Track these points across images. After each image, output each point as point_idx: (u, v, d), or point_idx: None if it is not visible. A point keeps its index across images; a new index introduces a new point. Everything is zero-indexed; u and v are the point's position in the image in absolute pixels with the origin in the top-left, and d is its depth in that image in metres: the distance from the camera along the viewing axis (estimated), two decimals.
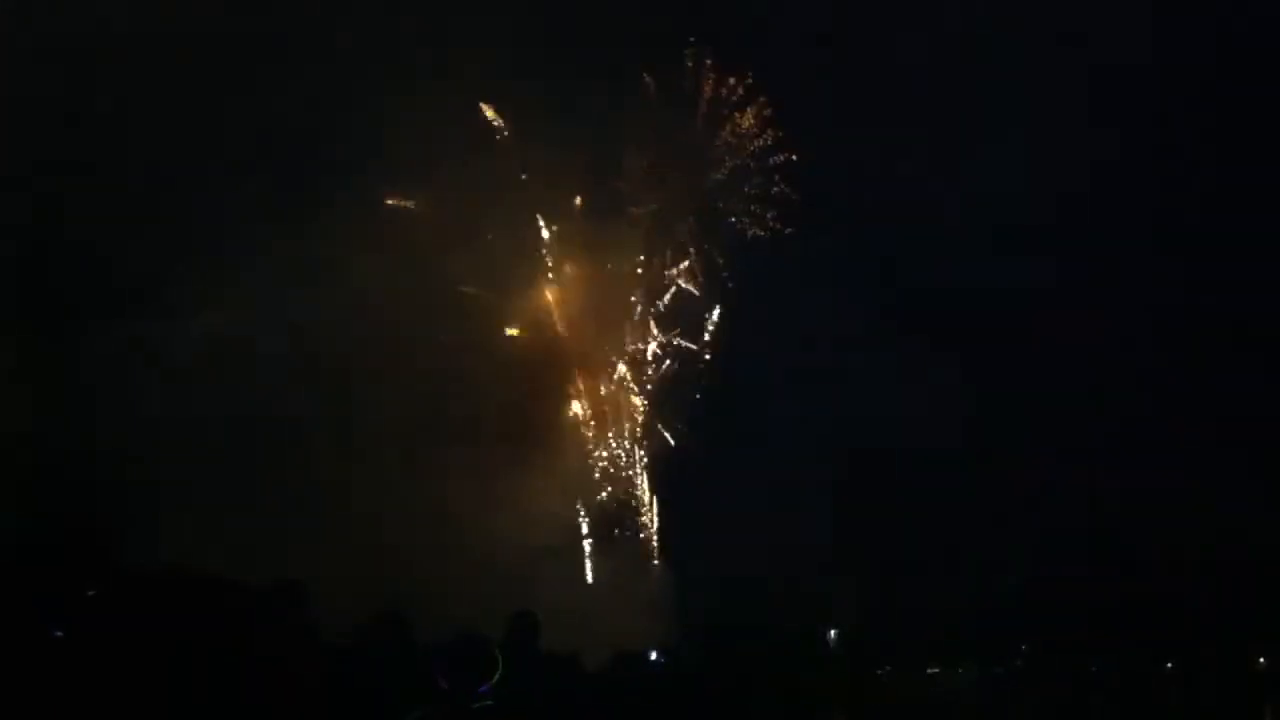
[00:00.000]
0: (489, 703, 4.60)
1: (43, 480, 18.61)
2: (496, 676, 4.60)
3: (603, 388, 27.40)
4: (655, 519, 27.51)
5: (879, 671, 31.21)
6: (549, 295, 26.87)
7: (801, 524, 27.63)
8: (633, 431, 27.65)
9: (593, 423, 27.29)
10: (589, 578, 25.21)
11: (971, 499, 29.32)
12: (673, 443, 27.37)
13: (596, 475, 27.05)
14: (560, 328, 26.93)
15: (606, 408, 27.47)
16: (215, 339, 21.42)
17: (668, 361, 27.75)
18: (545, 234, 26.79)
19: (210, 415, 21.24)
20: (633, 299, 27.59)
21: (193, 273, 21.58)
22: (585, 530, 26.32)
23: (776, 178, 27.02)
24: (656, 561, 26.28)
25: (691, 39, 26.52)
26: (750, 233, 27.25)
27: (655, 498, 27.59)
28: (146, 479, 19.51)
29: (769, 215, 27.10)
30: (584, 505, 26.57)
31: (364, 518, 22.19)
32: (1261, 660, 31.90)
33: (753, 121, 26.93)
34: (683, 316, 27.89)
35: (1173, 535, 29.09)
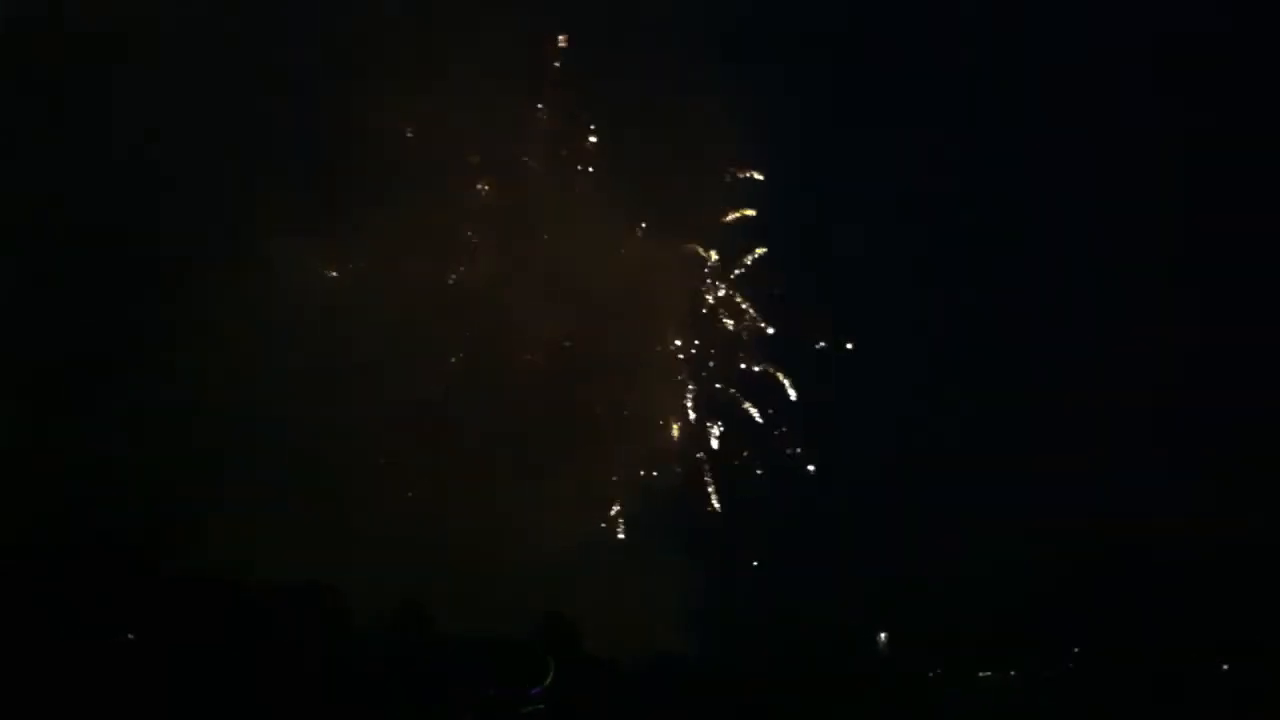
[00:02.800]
0: (540, 706, 4.35)
1: (81, 485, 18.67)
2: (548, 680, 4.34)
3: (644, 385, 27.21)
4: (698, 519, 27.30)
5: (930, 674, 30.82)
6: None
7: (851, 527, 27.43)
8: (677, 428, 27.46)
9: (634, 422, 27.11)
10: (630, 578, 24.98)
11: (1020, 501, 28.98)
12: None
13: (639, 475, 26.85)
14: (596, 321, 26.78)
15: (647, 407, 27.28)
16: (246, 338, 21.40)
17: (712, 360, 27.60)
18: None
19: (246, 416, 21.21)
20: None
21: (222, 270, 21.59)
22: (626, 530, 26.11)
23: None
24: (700, 563, 25.99)
25: None
26: None
27: (698, 497, 27.39)
28: (181, 481, 19.52)
29: None
30: (625, 505, 26.37)
31: (404, 519, 22.17)
32: None
33: None
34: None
35: (1225, 537, 28.63)
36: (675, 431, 27.47)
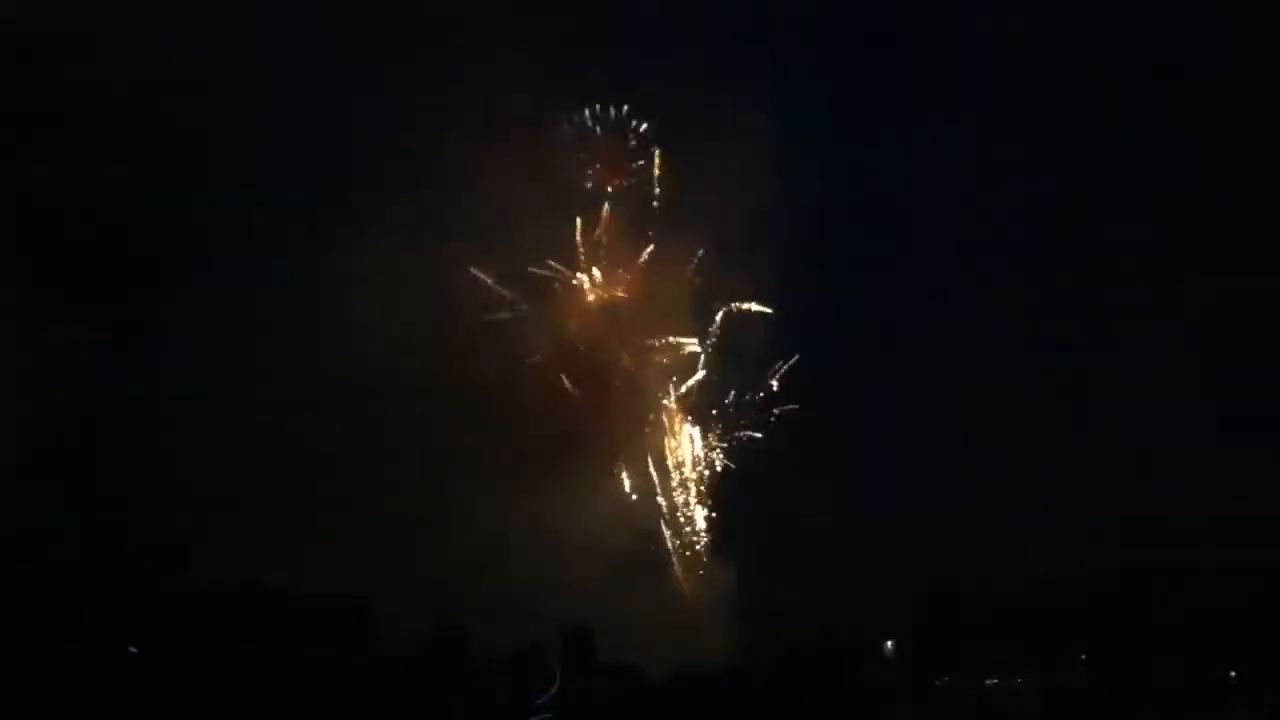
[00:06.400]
0: (548, 714, 4.70)
1: (111, 498, 18.98)
2: (554, 689, 4.70)
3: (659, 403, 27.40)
4: (716, 532, 27.49)
5: (937, 682, 30.87)
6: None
7: (860, 537, 27.54)
8: (695, 445, 27.67)
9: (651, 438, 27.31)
10: (652, 591, 25.22)
11: (1028, 507, 29.06)
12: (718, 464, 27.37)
13: (657, 490, 27.03)
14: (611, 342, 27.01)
15: (662, 423, 27.49)
16: (280, 351, 21.62)
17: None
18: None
19: (279, 429, 21.41)
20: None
21: (242, 290, 21.87)
22: (646, 544, 26.32)
23: None
24: (717, 575, 26.24)
25: None
26: None
27: (715, 511, 27.57)
28: (214, 494, 19.80)
29: None
30: (643, 521, 26.56)
31: (428, 532, 22.34)
32: None
33: None
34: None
35: (1235, 543, 28.63)
36: (688, 444, 27.73)
